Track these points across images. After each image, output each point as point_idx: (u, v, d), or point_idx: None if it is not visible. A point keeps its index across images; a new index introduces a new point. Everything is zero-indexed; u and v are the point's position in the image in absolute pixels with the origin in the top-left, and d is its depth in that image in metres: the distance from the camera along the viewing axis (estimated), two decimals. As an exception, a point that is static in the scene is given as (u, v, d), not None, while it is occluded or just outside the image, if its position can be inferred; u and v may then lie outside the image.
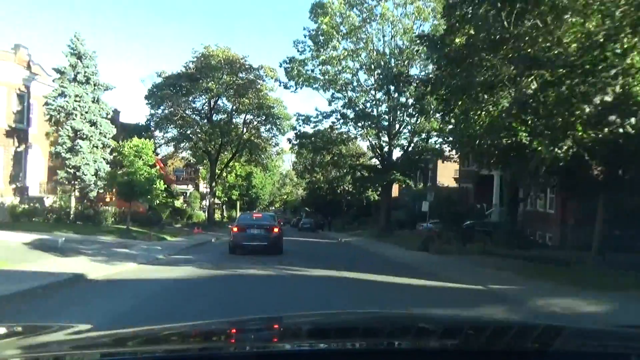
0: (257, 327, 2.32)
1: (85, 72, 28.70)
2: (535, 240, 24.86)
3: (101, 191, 28.76)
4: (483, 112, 12.12)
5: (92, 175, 27.90)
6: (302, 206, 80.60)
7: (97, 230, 23.53)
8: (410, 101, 31.73)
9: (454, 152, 35.36)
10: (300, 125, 34.30)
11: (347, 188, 56.51)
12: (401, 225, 38.20)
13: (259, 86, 46.75)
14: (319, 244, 30.08)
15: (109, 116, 30.12)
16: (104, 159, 28.94)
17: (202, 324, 2.60)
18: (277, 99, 48.33)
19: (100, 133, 28.79)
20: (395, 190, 42.50)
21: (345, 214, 58.81)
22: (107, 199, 32.83)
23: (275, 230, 18.66)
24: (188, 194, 64.65)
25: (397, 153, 36.08)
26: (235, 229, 18.68)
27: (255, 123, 50.14)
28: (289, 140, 37.32)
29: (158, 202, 26.48)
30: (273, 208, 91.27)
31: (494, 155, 13.98)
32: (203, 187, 60.52)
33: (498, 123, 11.70)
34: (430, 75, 14.91)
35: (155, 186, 24.30)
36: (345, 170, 37.34)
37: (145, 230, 24.89)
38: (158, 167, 25.95)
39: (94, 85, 29.15)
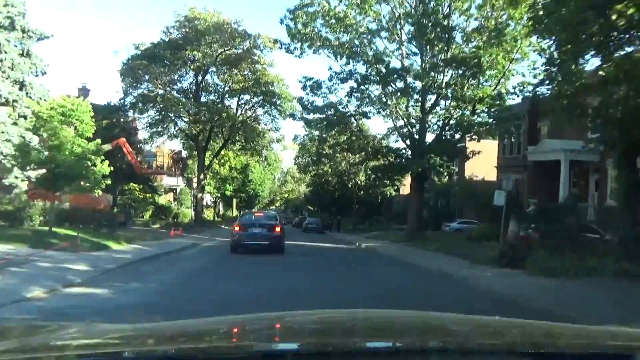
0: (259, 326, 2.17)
1: (8, 13, 20.56)
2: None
3: (34, 180, 20.50)
4: None
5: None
6: (305, 204, 72.81)
7: (2, 236, 15.35)
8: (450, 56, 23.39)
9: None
10: (307, 94, 25.77)
11: (359, 182, 48.27)
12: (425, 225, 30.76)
13: (256, 57, 38.66)
14: (335, 252, 21.97)
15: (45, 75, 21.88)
16: (36, 134, 20.78)
17: (207, 321, 2.36)
18: (277, 75, 40.43)
19: (29, 97, 20.67)
20: (408, 187, 34.20)
21: (355, 213, 50.53)
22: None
23: (277, 229, 18.70)
24: (179, 190, 57.55)
25: (429, 136, 27.80)
26: (237, 228, 18.77)
27: (251, 104, 42.01)
28: (292, 115, 29.18)
29: (98, 191, 18.04)
30: (273, 207, 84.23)
31: None
32: (196, 182, 52.47)
33: None
34: None
35: (94, 167, 16.03)
36: (365, 155, 28.92)
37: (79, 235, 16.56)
38: (99, 140, 17.42)
39: (23, 32, 21.04)
